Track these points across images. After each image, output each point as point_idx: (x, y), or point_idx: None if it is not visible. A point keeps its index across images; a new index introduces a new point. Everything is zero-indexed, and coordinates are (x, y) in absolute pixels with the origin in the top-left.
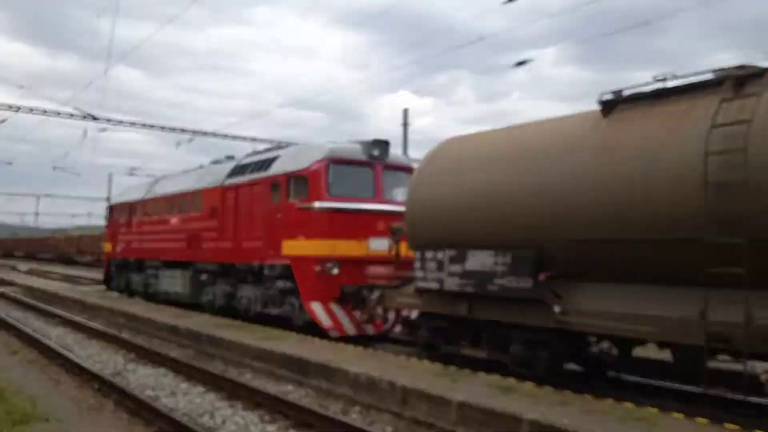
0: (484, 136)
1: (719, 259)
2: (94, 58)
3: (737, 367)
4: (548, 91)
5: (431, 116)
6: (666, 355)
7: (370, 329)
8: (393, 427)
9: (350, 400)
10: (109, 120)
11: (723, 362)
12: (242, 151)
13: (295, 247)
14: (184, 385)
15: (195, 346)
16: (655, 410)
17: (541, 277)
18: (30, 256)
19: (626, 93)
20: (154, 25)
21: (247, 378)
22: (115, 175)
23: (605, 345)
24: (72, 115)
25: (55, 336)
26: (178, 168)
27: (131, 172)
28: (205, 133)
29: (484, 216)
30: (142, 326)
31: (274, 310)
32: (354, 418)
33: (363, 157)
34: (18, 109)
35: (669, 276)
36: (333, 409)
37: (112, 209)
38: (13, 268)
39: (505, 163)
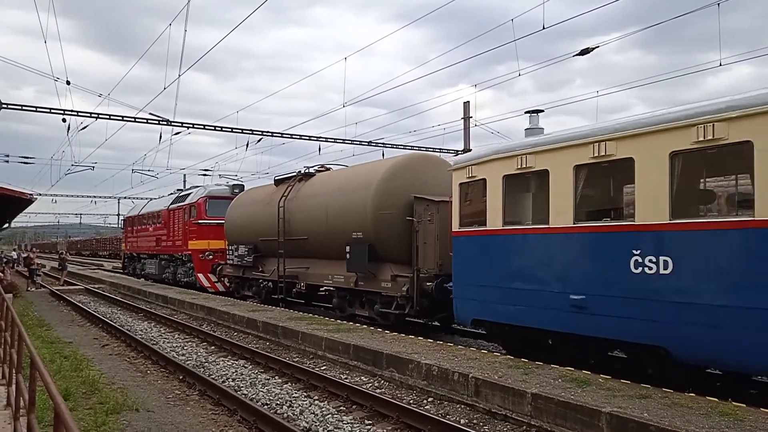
0: (254, 190)
1: (282, 248)
2: (164, 64)
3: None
4: (611, 77)
5: (492, 108)
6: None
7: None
8: (467, 419)
9: (423, 391)
10: (182, 124)
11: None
12: (306, 149)
13: (192, 244)
14: (263, 376)
15: (271, 338)
16: (741, 405)
17: (253, 256)
18: (113, 255)
19: (278, 178)
20: (218, 29)
21: (322, 369)
22: (189, 176)
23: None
24: (148, 121)
25: (141, 329)
26: (245, 168)
27: (204, 173)
28: (272, 134)
29: (243, 230)
30: (221, 319)
31: (187, 279)
32: (428, 409)
33: (229, 194)
34: (97, 116)
35: (275, 255)
36: (406, 400)
37: (125, 221)
38: (99, 267)
39: (246, 206)
